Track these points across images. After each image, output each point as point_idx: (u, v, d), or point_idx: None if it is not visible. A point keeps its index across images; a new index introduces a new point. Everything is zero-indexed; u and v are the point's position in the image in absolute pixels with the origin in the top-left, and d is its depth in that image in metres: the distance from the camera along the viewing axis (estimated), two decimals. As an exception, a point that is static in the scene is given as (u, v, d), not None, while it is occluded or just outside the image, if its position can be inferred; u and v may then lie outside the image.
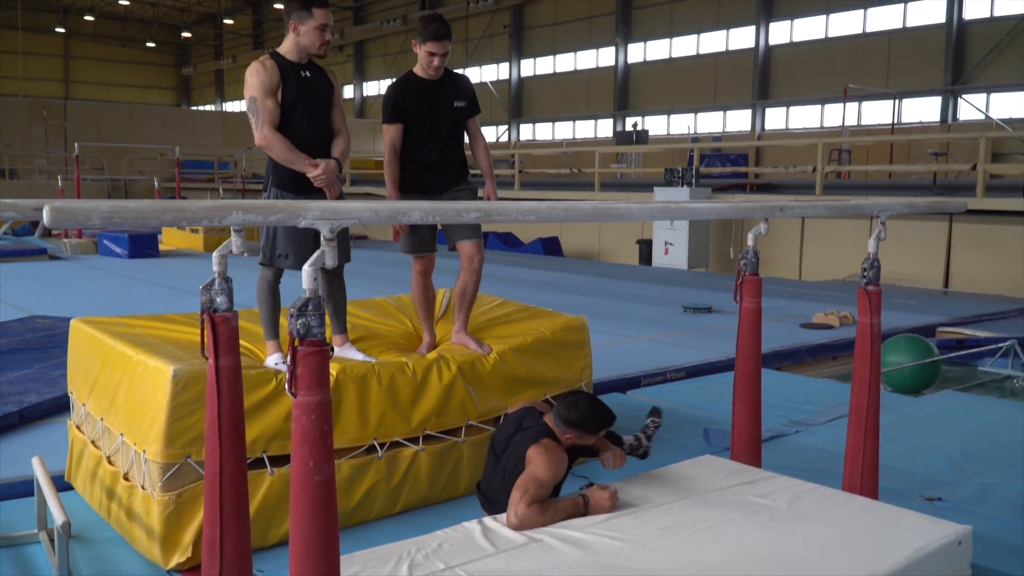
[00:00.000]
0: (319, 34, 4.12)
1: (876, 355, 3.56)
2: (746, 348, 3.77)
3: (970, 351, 8.17)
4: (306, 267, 2.19)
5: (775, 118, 29.75)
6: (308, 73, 4.18)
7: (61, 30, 52.57)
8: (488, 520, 3.18)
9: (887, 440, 4.00)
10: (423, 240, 4.65)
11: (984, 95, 24.63)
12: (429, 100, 4.56)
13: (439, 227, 4.63)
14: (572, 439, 3.40)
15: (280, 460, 3.67)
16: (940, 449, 5.10)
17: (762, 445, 3.94)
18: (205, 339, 2.29)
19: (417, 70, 4.60)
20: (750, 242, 3.66)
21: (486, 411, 4.35)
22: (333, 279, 4.33)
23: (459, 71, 4.77)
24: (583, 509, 3.20)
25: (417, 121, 4.52)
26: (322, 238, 2.21)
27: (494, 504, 3.47)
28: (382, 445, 3.96)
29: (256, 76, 4.04)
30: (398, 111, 4.53)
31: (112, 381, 3.83)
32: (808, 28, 28.29)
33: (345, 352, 4.28)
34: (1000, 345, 7.96)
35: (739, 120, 30.74)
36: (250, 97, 4.05)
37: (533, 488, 3.14)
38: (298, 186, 4.13)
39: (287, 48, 4.16)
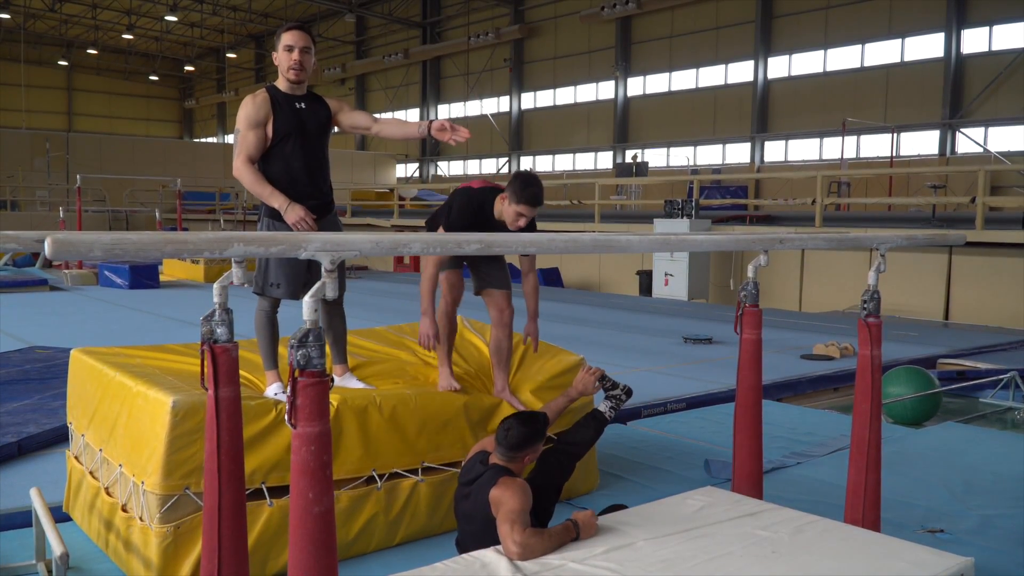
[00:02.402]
0: (287, 55, 4.08)
1: (877, 387, 3.56)
2: (747, 379, 3.76)
3: (971, 383, 8.16)
4: (306, 299, 2.20)
5: (774, 151, 29.88)
6: (303, 104, 4.19)
7: (64, 63, 52.98)
8: (488, 552, 3.16)
9: (888, 472, 3.98)
10: (481, 282, 4.55)
11: (982, 128, 24.75)
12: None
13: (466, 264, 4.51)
14: (530, 457, 3.47)
15: (278, 491, 3.65)
16: (942, 481, 5.08)
17: (763, 477, 3.92)
18: (205, 370, 2.29)
19: (498, 208, 4.29)
20: (750, 274, 3.67)
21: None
22: (333, 309, 4.34)
23: (460, 103, 4.67)
24: (574, 533, 3.20)
25: (472, 259, 4.41)
26: (323, 270, 2.22)
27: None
28: (381, 476, 3.95)
29: (243, 109, 4.10)
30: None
31: (111, 412, 3.82)
32: (806, 62, 28.48)
33: (345, 382, 4.27)
34: (1001, 377, 7.94)
35: (738, 152, 30.87)
36: (236, 129, 4.11)
37: (519, 519, 3.14)
38: None
39: (280, 81, 4.21)
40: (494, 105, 39.73)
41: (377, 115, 4.53)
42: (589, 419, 3.92)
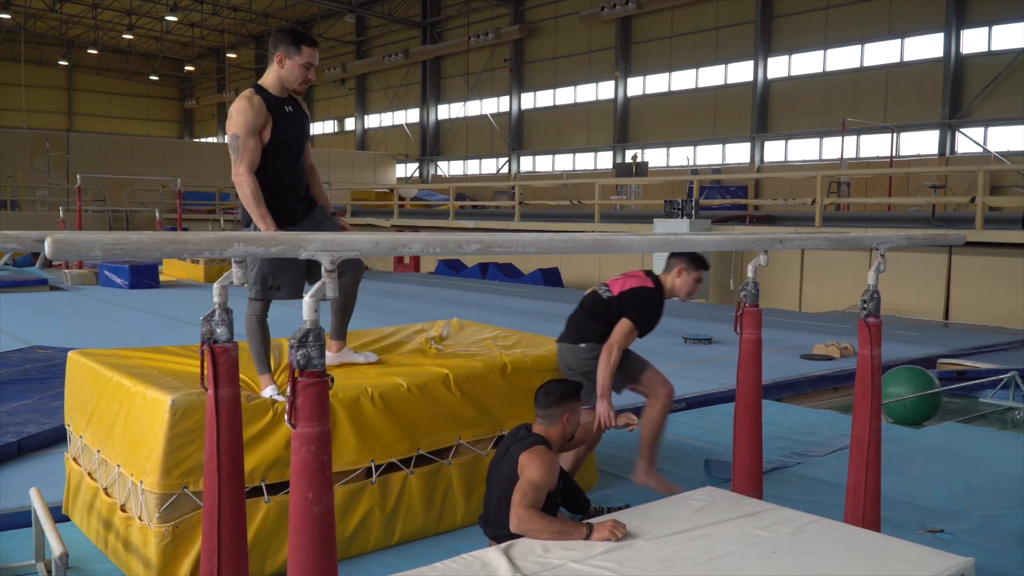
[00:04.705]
0: (303, 71, 4.10)
1: (877, 387, 3.56)
2: (747, 379, 3.76)
3: (971, 383, 8.15)
4: (307, 298, 2.19)
5: (774, 151, 29.88)
6: (290, 108, 4.18)
7: (64, 63, 52.98)
8: (488, 551, 3.16)
9: (889, 472, 3.98)
10: (627, 376, 4.60)
11: (982, 128, 24.75)
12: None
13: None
14: (569, 416, 3.65)
15: (275, 488, 3.66)
16: (942, 481, 5.08)
17: (763, 477, 3.92)
18: (205, 370, 2.29)
19: (668, 285, 4.57)
20: (750, 274, 3.66)
21: (481, 428, 4.34)
22: (350, 289, 4.39)
23: (461, 103, 4.74)
24: (584, 533, 3.21)
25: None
26: (323, 270, 2.22)
27: (494, 526, 3.54)
28: (378, 468, 3.95)
29: (242, 114, 4.01)
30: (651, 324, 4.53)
31: (110, 412, 3.82)
32: (806, 62, 28.49)
33: (343, 356, 4.34)
34: (1001, 377, 7.94)
35: (738, 152, 30.86)
36: (233, 134, 4.02)
37: (530, 492, 3.31)
38: (281, 221, 4.14)
39: (270, 81, 4.14)
40: (494, 105, 39.73)
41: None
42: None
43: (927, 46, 25.43)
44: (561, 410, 3.65)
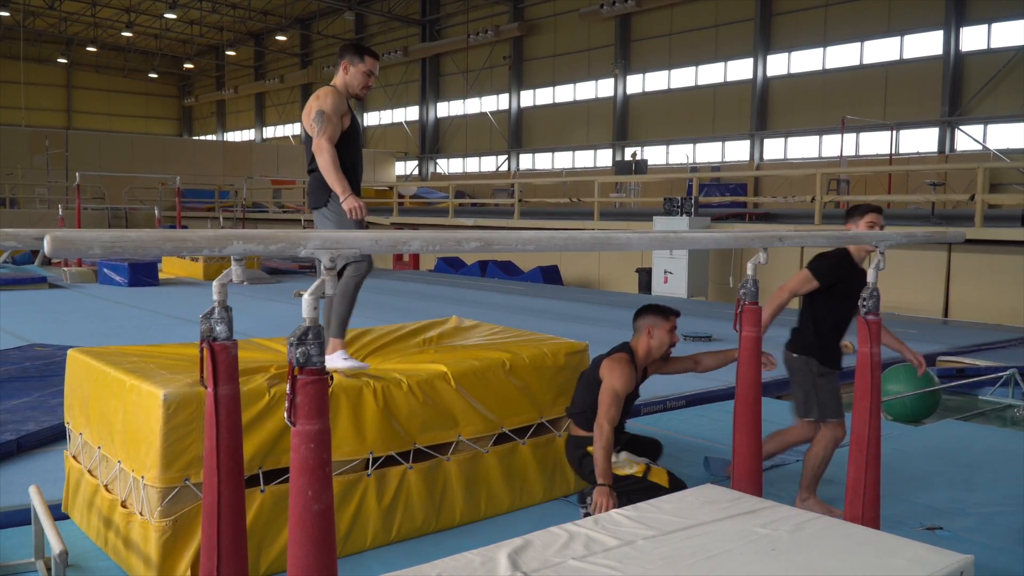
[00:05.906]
0: (364, 78, 4.61)
1: (876, 384, 3.56)
2: (746, 377, 3.76)
3: (970, 380, 8.15)
4: (306, 296, 2.19)
5: (773, 148, 29.86)
6: (352, 110, 4.62)
7: (63, 61, 52.93)
8: (488, 550, 3.16)
9: (888, 469, 3.98)
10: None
11: (981, 126, 24.74)
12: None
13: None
14: (649, 327, 4.26)
15: (272, 475, 3.68)
16: (941, 478, 5.08)
17: (763, 474, 3.92)
18: (205, 367, 2.29)
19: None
20: (749, 271, 3.66)
21: (480, 425, 4.33)
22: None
23: (460, 101, 5.00)
24: (602, 481, 3.87)
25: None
26: (322, 268, 2.22)
27: (575, 406, 4.35)
28: (376, 460, 3.95)
29: (330, 97, 4.46)
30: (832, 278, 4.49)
31: (108, 409, 3.82)
32: (805, 60, 28.47)
33: (334, 362, 4.35)
34: (1000, 374, 7.94)
35: (738, 150, 30.84)
36: (319, 111, 4.41)
37: (612, 401, 4.00)
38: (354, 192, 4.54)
39: (339, 84, 4.60)
40: (493, 103, 39.70)
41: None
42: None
43: (926, 44, 25.41)
44: (644, 323, 4.26)
